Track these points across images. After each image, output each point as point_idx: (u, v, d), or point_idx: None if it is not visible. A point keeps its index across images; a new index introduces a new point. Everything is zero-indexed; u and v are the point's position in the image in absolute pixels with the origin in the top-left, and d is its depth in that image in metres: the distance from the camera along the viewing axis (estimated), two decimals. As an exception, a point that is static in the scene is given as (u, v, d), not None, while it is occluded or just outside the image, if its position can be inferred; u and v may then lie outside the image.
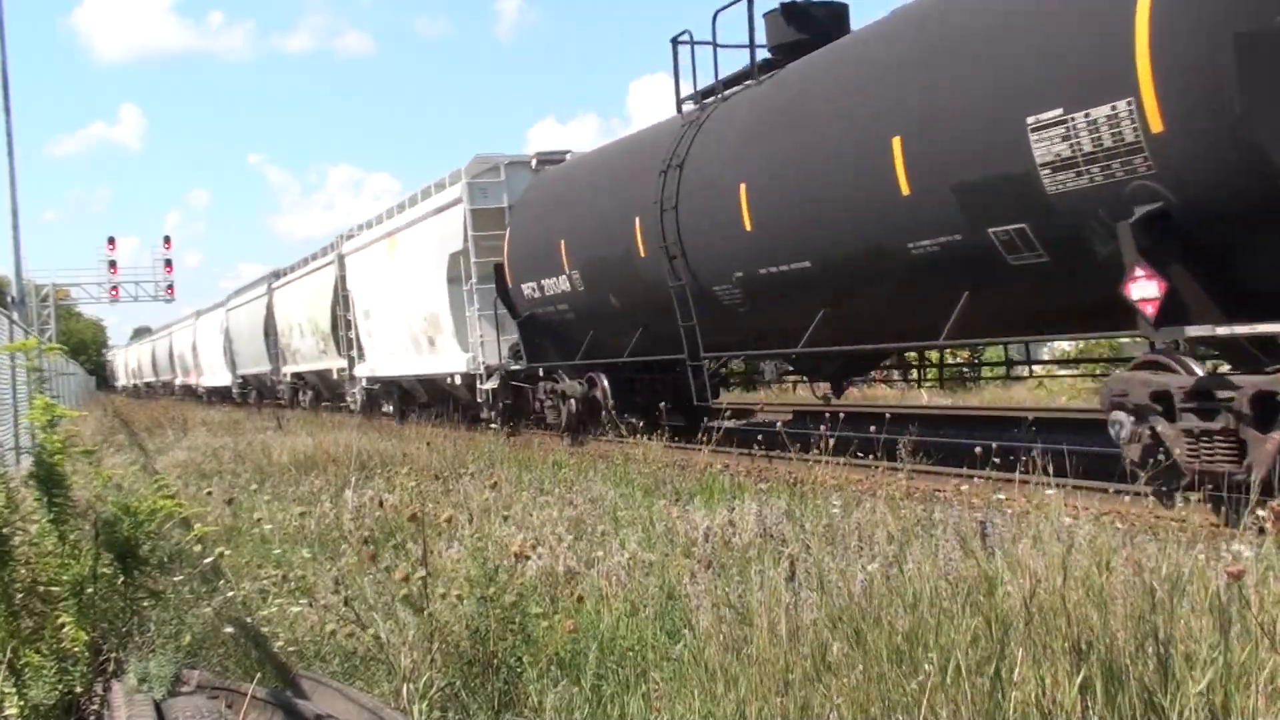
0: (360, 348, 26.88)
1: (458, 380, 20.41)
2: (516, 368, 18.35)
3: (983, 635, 3.65)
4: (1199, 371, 7.40)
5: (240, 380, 44.71)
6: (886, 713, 3.58)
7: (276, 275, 37.79)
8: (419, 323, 21.89)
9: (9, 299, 25.56)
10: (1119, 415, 7.84)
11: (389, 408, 26.34)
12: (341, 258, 28.30)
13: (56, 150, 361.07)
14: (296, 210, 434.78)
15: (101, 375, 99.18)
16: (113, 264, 54.27)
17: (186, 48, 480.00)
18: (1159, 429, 7.52)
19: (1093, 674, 3.39)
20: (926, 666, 3.60)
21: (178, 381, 60.37)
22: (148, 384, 74.72)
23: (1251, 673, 3.27)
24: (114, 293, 54.79)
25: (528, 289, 17.24)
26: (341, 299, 28.21)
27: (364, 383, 27.20)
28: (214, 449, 15.63)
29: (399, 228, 23.14)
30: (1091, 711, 3.35)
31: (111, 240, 54.70)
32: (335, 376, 30.02)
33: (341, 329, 28.41)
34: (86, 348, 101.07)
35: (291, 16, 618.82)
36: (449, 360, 20.45)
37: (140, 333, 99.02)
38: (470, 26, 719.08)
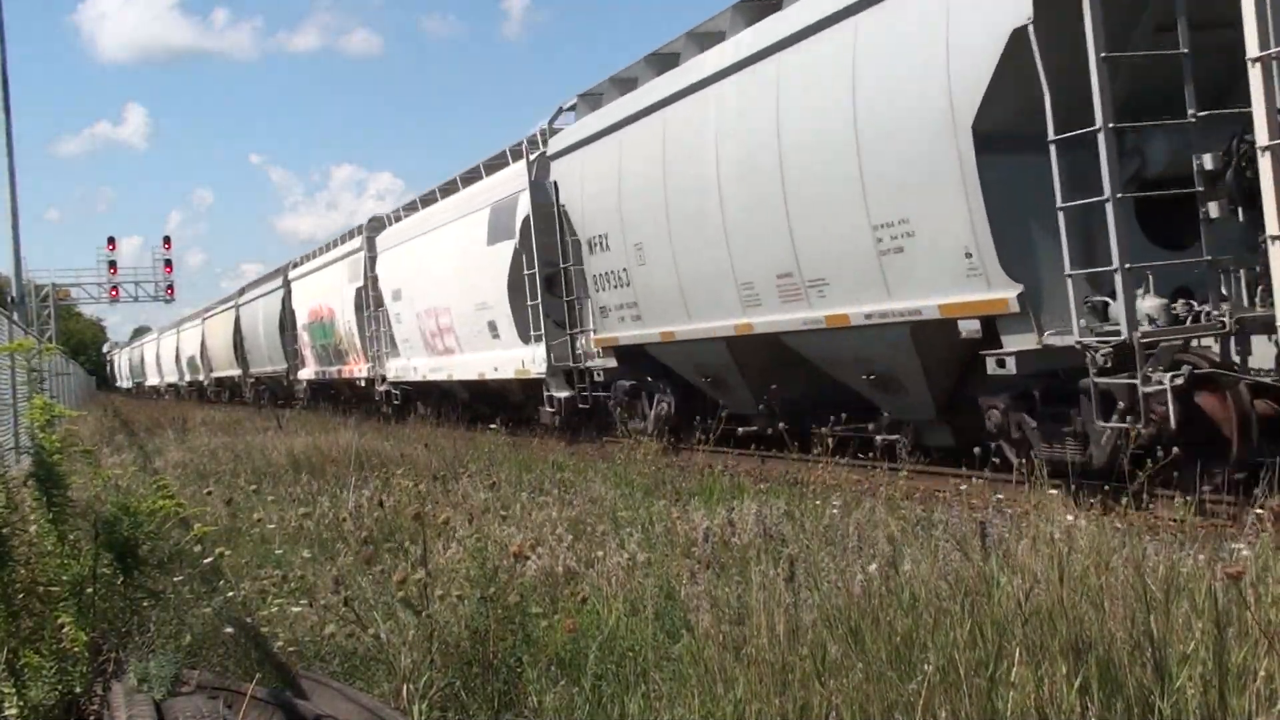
0: None
1: None
2: None
3: (980, 636, 3.66)
4: None
5: (607, 369, 15.30)
6: (885, 713, 3.58)
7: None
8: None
9: (9, 299, 25.55)
10: None
11: None
12: None
13: (61, 149, 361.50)
14: (299, 210, 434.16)
15: (102, 375, 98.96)
16: (113, 264, 54.26)
17: (191, 47, 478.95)
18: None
19: (1090, 675, 3.40)
20: (925, 667, 3.60)
21: (304, 374, 32.68)
22: (218, 381, 46.92)
23: (1248, 674, 3.27)
24: (114, 293, 54.80)
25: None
26: None
27: None
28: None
29: None
30: (1089, 712, 3.35)
31: (112, 240, 54.68)
32: None
33: None
34: (86, 348, 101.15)
35: (298, 15, 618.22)
36: None
37: (140, 332, 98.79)
38: (478, 25, 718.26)
